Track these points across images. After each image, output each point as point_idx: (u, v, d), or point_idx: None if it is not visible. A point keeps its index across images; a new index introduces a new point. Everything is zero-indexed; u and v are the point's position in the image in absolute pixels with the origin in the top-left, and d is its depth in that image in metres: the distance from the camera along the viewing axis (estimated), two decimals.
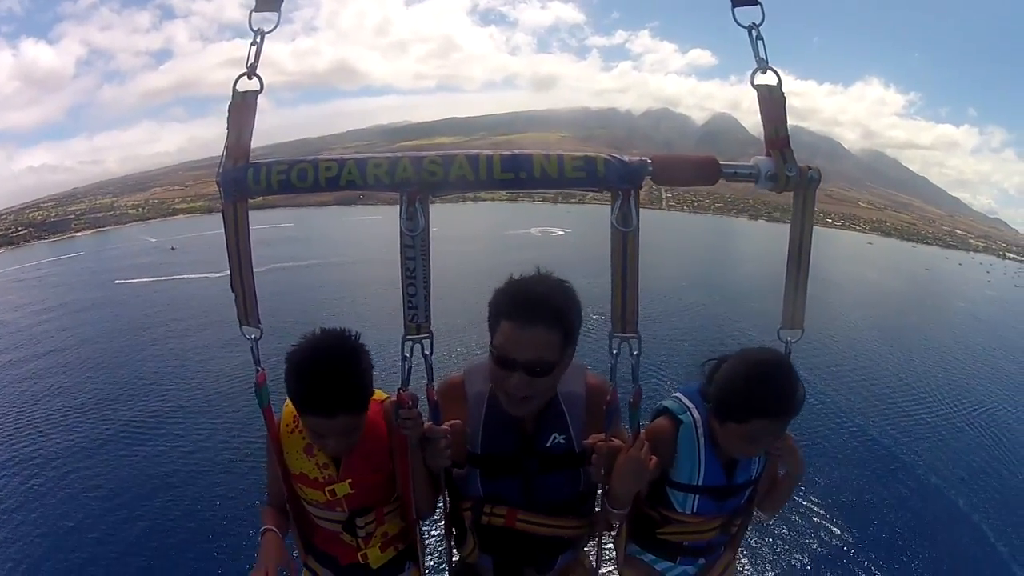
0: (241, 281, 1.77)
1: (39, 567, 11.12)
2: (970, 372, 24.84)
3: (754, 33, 1.69)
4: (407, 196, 1.62)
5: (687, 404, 2.01)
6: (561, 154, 1.60)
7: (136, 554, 11.61)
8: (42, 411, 18.54)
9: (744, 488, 2.05)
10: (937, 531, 12.52)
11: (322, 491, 1.99)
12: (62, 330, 27.79)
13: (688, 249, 28.98)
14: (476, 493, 1.98)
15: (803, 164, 1.71)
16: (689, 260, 28.69)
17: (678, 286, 20.69)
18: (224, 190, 1.73)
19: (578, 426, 1.94)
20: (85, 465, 14.81)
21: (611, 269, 1.63)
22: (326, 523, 2.06)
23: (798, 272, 1.73)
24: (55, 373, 21.95)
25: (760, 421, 1.80)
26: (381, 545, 2.09)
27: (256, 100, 1.75)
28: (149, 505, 13.18)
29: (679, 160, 1.66)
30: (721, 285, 32.62)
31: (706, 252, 28.74)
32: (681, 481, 2.00)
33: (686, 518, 2.05)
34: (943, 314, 38.84)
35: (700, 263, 26.98)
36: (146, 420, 17.76)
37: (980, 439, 18.05)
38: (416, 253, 1.65)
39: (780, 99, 1.71)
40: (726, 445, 1.92)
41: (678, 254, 31.26)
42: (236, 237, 1.75)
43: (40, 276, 47.26)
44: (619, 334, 1.66)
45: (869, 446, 16.42)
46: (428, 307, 1.69)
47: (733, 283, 33.62)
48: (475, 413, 1.95)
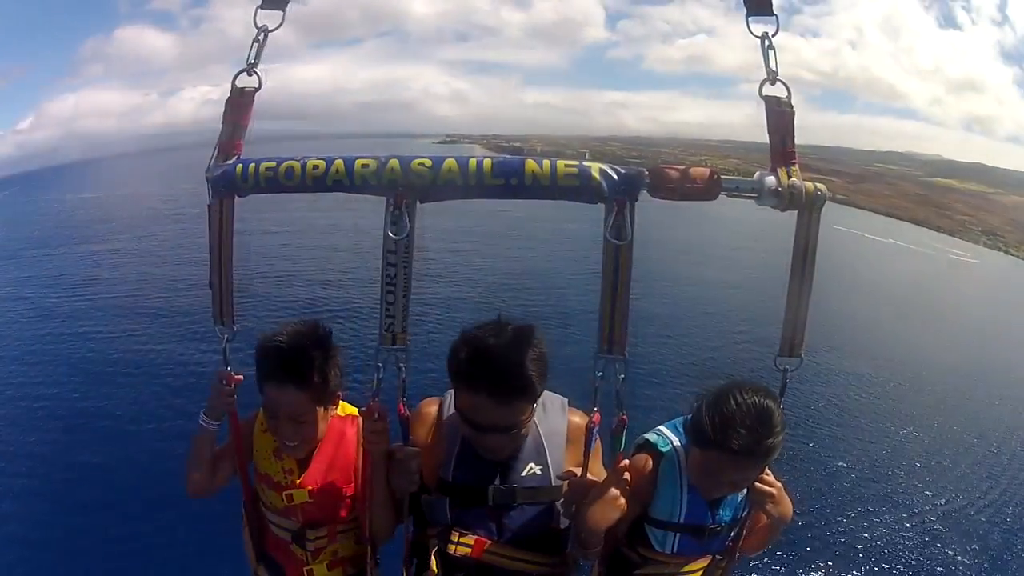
0: (220, 279, 1.76)
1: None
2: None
3: (766, 43, 1.63)
4: (393, 200, 1.57)
5: (669, 437, 1.93)
6: (555, 160, 1.54)
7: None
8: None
9: (729, 528, 1.95)
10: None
11: (280, 495, 1.99)
12: None
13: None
14: (444, 520, 1.90)
15: (809, 181, 1.63)
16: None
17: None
18: (212, 186, 1.72)
19: (557, 460, 1.89)
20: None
21: (601, 284, 1.57)
22: (279, 530, 2.06)
23: (799, 294, 1.63)
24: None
25: (716, 453, 1.70)
26: (329, 564, 2.07)
27: (253, 98, 1.75)
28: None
29: (677, 173, 1.59)
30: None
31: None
32: (661, 518, 1.91)
33: (666, 558, 1.95)
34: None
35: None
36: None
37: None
38: (398, 260, 1.61)
39: (789, 112, 1.64)
40: (694, 476, 1.85)
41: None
42: (220, 234, 1.74)
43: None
44: (604, 355, 1.59)
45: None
46: (406, 317, 1.64)
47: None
48: (450, 439, 1.89)
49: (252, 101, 1.74)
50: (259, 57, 1.71)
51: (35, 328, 12.41)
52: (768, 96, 1.63)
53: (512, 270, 19.40)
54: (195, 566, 5.69)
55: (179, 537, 5.99)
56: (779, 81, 1.63)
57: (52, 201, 37.61)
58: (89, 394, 9.24)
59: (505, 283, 17.64)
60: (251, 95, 1.73)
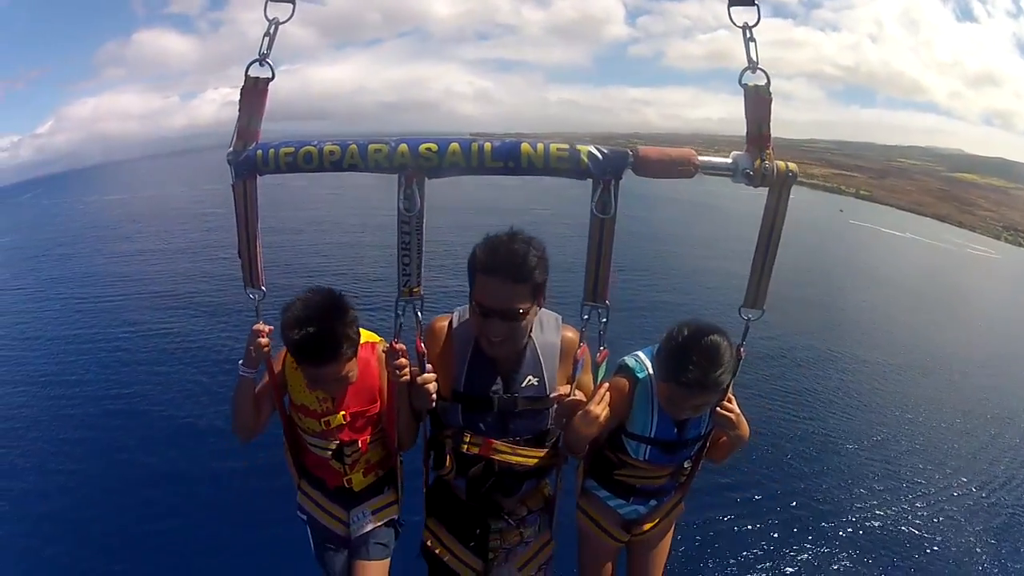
0: (248, 250, 1.97)
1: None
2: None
3: (747, 33, 1.74)
4: (405, 178, 1.75)
5: (645, 363, 2.19)
6: (547, 144, 1.72)
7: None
8: None
9: (693, 443, 2.25)
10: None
11: (319, 421, 2.25)
12: None
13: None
14: (456, 424, 2.18)
15: (781, 161, 1.77)
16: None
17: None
18: (235, 169, 1.87)
19: (551, 372, 2.16)
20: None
21: (587, 249, 1.79)
22: (318, 450, 2.33)
23: (764, 260, 1.85)
24: None
25: (672, 387, 1.99)
26: (364, 471, 2.39)
27: (267, 87, 1.82)
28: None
29: (659, 153, 1.76)
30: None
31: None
32: (635, 432, 2.23)
33: (639, 464, 2.29)
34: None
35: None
36: None
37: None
38: (412, 230, 1.83)
39: (766, 99, 1.76)
40: (660, 399, 2.12)
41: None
42: (245, 211, 1.93)
43: None
44: (589, 303, 1.87)
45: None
46: (420, 274, 1.89)
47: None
48: (461, 353, 2.14)
49: (266, 89, 1.83)
50: (271, 48, 1.80)
51: (70, 324, 12.69)
52: (748, 84, 1.73)
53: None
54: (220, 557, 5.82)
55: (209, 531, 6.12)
56: (759, 70, 1.73)
57: (76, 203, 38.16)
58: (128, 382, 9.44)
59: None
60: (265, 84, 1.82)
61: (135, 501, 6.38)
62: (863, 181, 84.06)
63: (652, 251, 19.52)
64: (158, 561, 5.55)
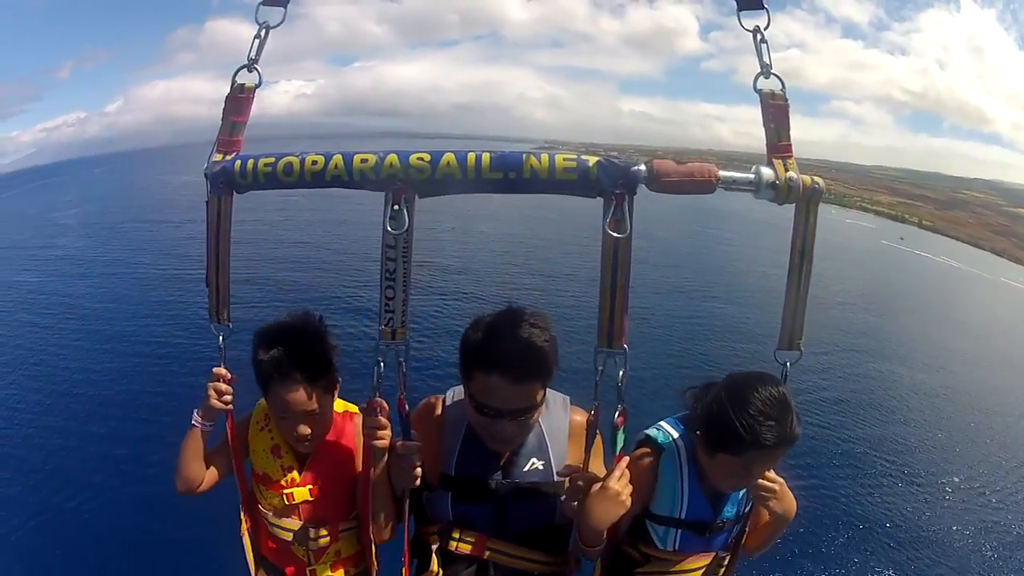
0: (217, 276, 1.76)
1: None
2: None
3: (758, 37, 1.65)
4: (392, 195, 1.57)
5: (670, 432, 1.91)
6: (553, 154, 1.55)
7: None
8: None
9: (732, 524, 1.93)
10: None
11: (280, 494, 1.96)
12: None
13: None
14: (445, 516, 1.89)
15: (807, 174, 1.63)
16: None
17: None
18: (211, 183, 1.71)
19: (559, 455, 1.89)
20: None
21: (600, 278, 1.57)
22: (279, 531, 2.01)
23: (798, 289, 1.64)
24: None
25: (753, 453, 1.67)
26: (332, 564, 2.03)
27: (253, 94, 1.76)
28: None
29: (676, 167, 1.59)
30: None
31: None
32: (662, 514, 1.88)
33: (668, 555, 1.91)
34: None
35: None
36: None
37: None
38: (397, 255, 1.61)
39: (783, 104, 1.65)
40: (716, 478, 1.81)
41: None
42: (218, 232, 1.74)
43: None
44: (605, 349, 1.59)
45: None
46: (406, 311, 1.64)
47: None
48: (453, 433, 1.88)
49: (252, 98, 1.74)
50: (260, 54, 1.71)
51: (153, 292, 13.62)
52: (763, 90, 1.65)
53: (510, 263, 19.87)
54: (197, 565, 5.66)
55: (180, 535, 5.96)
56: (773, 75, 1.64)
57: (149, 181, 40.72)
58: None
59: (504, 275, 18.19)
60: (251, 92, 1.73)
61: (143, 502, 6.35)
62: (927, 212, 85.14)
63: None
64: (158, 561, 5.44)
